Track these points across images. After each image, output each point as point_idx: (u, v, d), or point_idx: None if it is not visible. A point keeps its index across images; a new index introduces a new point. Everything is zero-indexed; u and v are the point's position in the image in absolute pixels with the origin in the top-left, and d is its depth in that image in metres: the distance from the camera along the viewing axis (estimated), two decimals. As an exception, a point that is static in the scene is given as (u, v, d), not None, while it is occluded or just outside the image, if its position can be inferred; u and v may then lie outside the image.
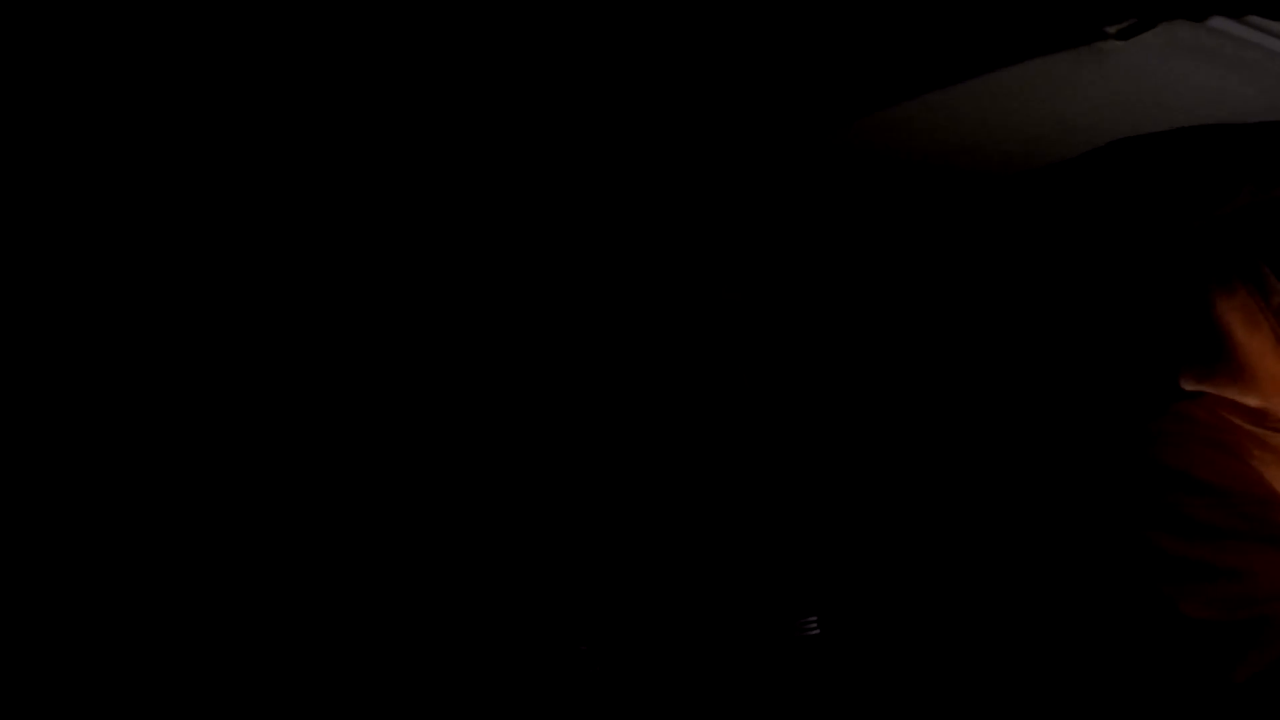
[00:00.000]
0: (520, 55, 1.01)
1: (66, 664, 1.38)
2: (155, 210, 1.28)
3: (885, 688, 1.60)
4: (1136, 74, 0.98)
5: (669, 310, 1.72)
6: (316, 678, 1.51)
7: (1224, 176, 1.19)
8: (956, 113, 1.12)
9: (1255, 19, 0.86)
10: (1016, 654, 1.51)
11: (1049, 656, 1.44)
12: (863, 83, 1.07)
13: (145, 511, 1.47)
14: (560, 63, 1.03)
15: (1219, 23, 0.87)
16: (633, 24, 0.95)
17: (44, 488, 1.41)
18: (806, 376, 1.78)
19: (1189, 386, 1.21)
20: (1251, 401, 1.17)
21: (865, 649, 1.64)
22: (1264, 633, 1.01)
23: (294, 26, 0.90)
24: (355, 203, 1.33)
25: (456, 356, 1.68)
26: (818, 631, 1.63)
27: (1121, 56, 0.95)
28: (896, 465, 1.73)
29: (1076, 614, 1.37)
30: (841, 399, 1.77)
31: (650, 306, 1.71)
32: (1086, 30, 0.88)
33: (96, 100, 1.02)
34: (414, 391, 1.66)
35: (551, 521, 1.69)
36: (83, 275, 1.38)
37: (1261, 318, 1.15)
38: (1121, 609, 1.17)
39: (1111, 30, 0.90)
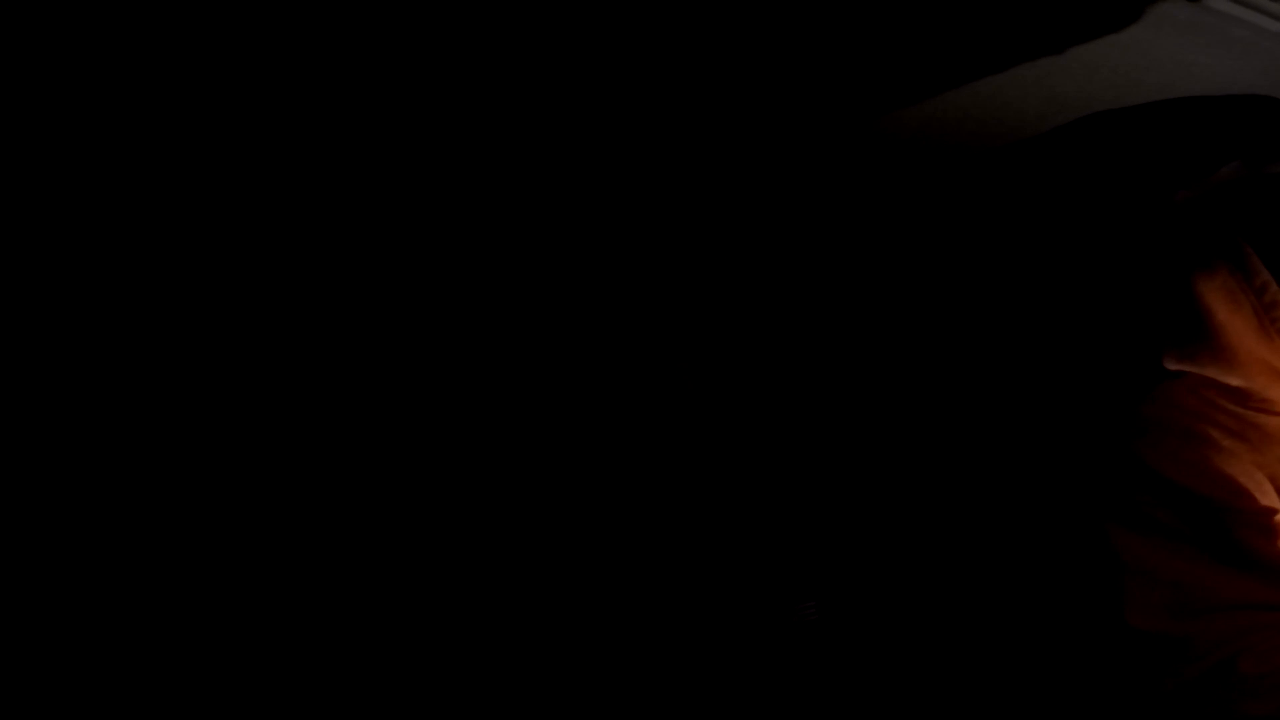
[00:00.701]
0: (524, 49, 1.00)
1: (66, 664, 1.37)
2: (155, 210, 1.27)
3: (881, 671, 1.62)
4: (1129, 49, 0.97)
5: (670, 300, 1.72)
6: (316, 677, 1.51)
7: (1209, 150, 1.19)
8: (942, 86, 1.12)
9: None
10: (984, 647, 1.55)
11: (1008, 651, 1.49)
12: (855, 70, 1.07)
13: (145, 511, 1.46)
14: (561, 61, 1.02)
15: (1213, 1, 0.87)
16: (641, 22, 0.94)
17: (44, 488, 1.40)
18: (803, 365, 1.79)
19: (1172, 366, 1.22)
20: (1234, 381, 1.18)
21: (861, 633, 1.66)
22: (1196, 647, 1.05)
23: (294, 27, 0.89)
24: (355, 203, 1.32)
25: (456, 356, 1.67)
26: (816, 616, 1.65)
27: (1119, 33, 0.94)
28: (890, 451, 1.74)
29: (1035, 613, 1.40)
30: (837, 386, 1.78)
31: (650, 296, 1.70)
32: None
33: (96, 100, 1.01)
34: (414, 391, 1.65)
35: (551, 509, 1.69)
36: (83, 275, 1.36)
37: (1243, 297, 1.14)
38: (1075, 608, 1.22)
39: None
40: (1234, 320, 1.15)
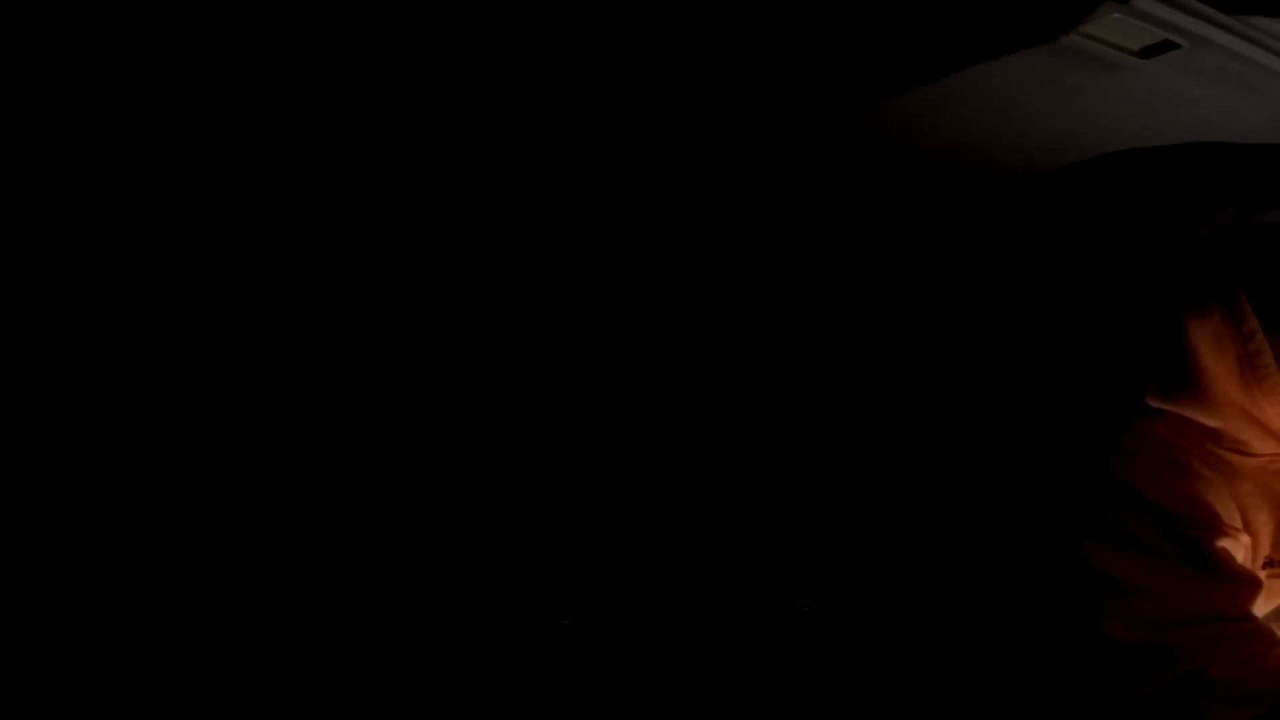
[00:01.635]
0: (517, 54, 1.00)
1: (66, 664, 1.36)
2: (155, 210, 1.27)
3: (873, 669, 1.65)
4: (1151, 91, 0.99)
5: (657, 302, 1.72)
6: (316, 677, 1.49)
7: (1209, 196, 1.22)
8: (963, 114, 1.13)
9: (1273, 40, 0.87)
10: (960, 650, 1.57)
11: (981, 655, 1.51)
12: (858, 78, 1.07)
13: (145, 511, 1.45)
14: (552, 62, 1.02)
15: (1240, 45, 0.88)
16: (621, 24, 0.94)
17: (44, 488, 1.39)
18: (794, 370, 1.80)
19: (1154, 403, 1.26)
20: (1210, 423, 1.22)
21: (854, 632, 1.68)
22: (1168, 656, 1.08)
23: (294, 27, 0.90)
24: (355, 203, 1.33)
25: (455, 356, 1.66)
26: (810, 615, 1.66)
27: (1140, 73, 0.96)
28: (885, 457, 1.77)
29: (1008, 620, 1.43)
30: (835, 393, 1.80)
31: (639, 298, 1.71)
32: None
33: (96, 100, 1.01)
34: (413, 391, 1.64)
35: (546, 505, 1.68)
36: (83, 275, 1.36)
37: (1229, 343, 1.18)
38: (1050, 617, 1.24)
39: (1134, 48, 0.92)
40: (1217, 366, 1.19)
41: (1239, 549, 1.18)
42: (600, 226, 1.46)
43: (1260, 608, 1.21)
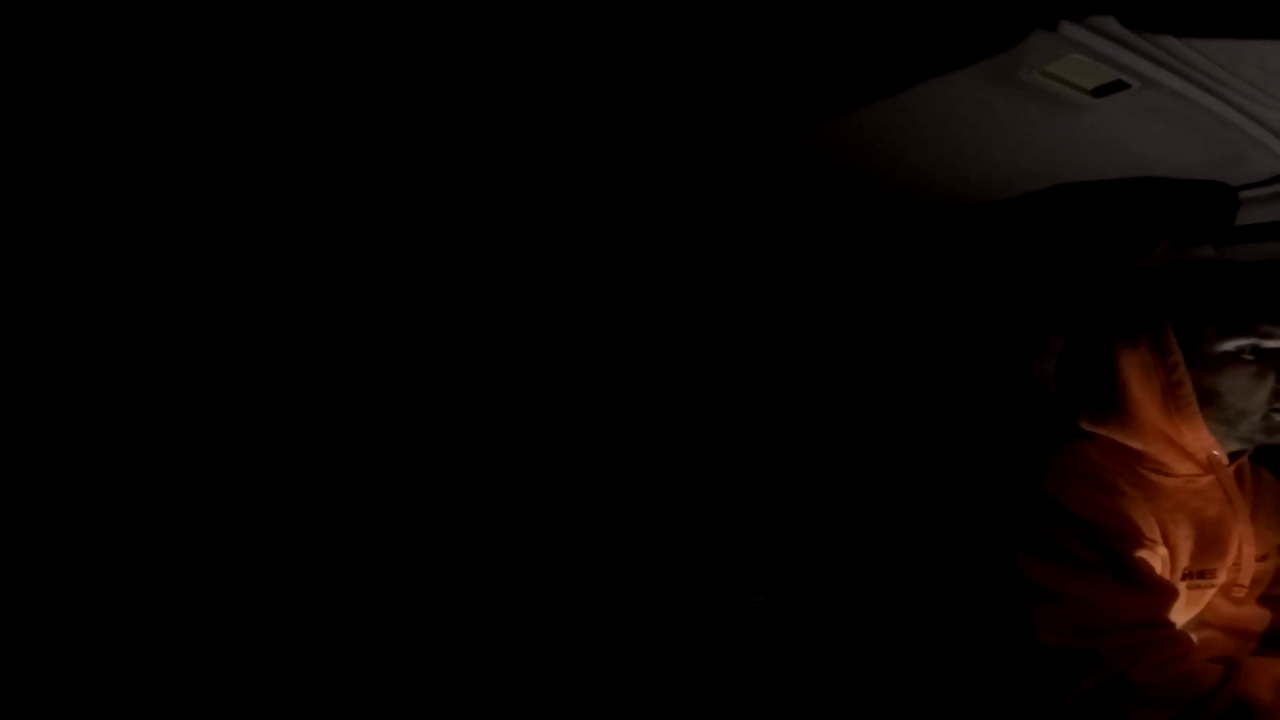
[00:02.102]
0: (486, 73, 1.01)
1: (66, 664, 1.34)
2: (155, 210, 1.27)
3: (828, 666, 1.69)
4: (1100, 128, 1.04)
5: (628, 307, 1.74)
6: (316, 677, 1.49)
7: (1147, 230, 1.29)
8: (918, 148, 1.17)
9: (1220, 88, 0.93)
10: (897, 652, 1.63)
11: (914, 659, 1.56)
12: (813, 94, 1.10)
13: (145, 511, 1.43)
14: (526, 78, 1.03)
15: (1186, 87, 0.94)
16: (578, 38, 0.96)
17: (44, 488, 1.37)
18: (757, 374, 1.84)
19: (1086, 427, 1.36)
20: (1135, 445, 1.32)
21: (809, 627, 1.72)
22: (1097, 661, 1.15)
23: (294, 27, 0.91)
24: (355, 203, 1.33)
25: (455, 357, 1.65)
26: (765, 611, 1.69)
27: (1092, 111, 1.01)
28: (834, 463, 1.81)
29: (944, 625, 1.49)
30: (793, 397, 1.84)
31: (612, 303, 1.72)
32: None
33: (96, 100, 1.01)
34: (413, 391, 1.63)
35: (515, 506, 1.68)
36: (83, 275, 1.35)
37: (1155, 374, 1.28)
38: (984, 625, 1.32)
39: (1089, 87, 0.97)
40: (1144, 395, 1.29)
41: (1156, 560, 1.27)
42: (602, 230, 1.48)
43: (1179, 616, 1.29)
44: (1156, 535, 1.27)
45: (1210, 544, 1.32)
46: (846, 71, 1.02)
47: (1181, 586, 1.29)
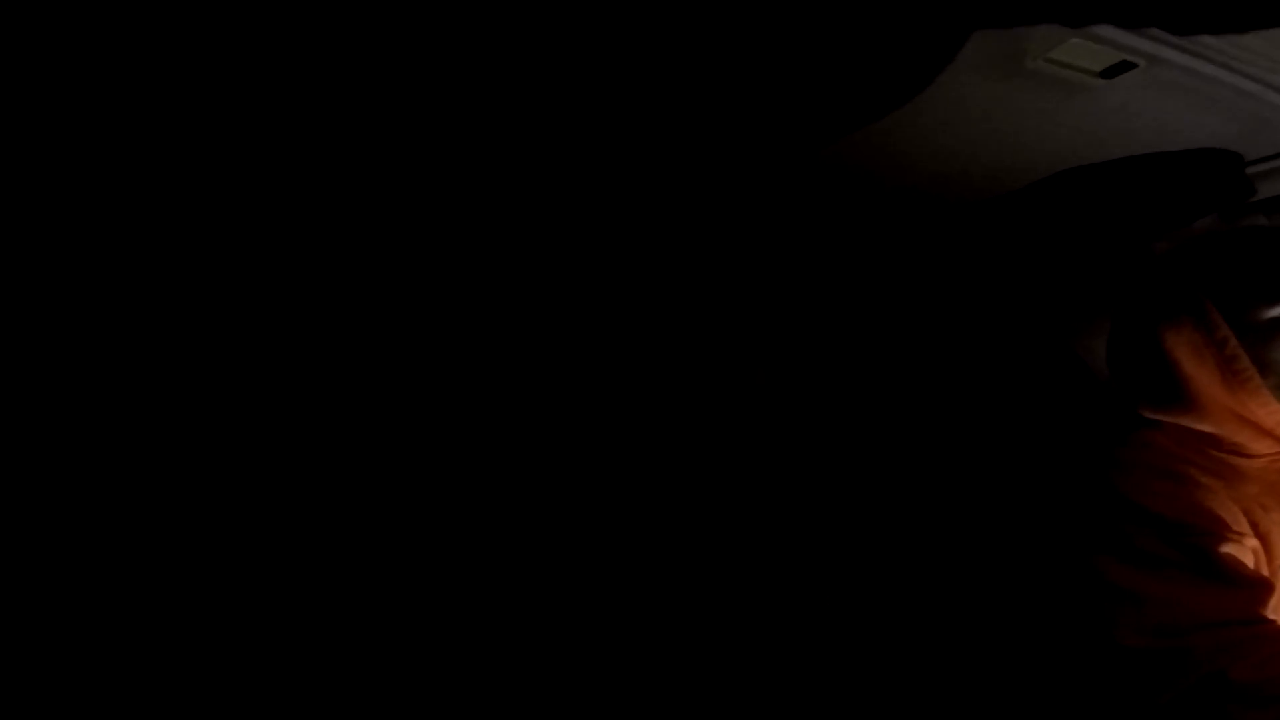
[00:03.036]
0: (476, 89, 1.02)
1: (66, 664, 1.36)
2: (155, 210, 1.27)
3: (885, 674, 1.66)
4: (1116, 109, 1.06)
5: (660, 307, 1.75)
6: (316, 677, 1.50)
7: (1187, 203, 1.27)
8: (943, 145, 1.19)
9: (1226, 59, 0.94)
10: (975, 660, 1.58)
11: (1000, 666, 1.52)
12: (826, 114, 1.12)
13: (145, 511, 1.46)
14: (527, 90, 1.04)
15: (1192, 62, 0.95)
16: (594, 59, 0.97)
17: (44, 488, 1.40)
18: (803, 375, 1.83)
19: (1149, 415, 1.31)
20: (1205, 428, 1.26)
21: (868, 638, 1.70)
22: (1186, 660, 1.10)
23: (294, 27, 0.91)
24: (355, 203, 1.33)
25: (456, 357, 1.68)
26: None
27: (1104, 93, 1.02)
28: (884, 469, 1.79)
29: (1027, 632, 1.45)
30: (839, 411, 1.83)
31: (637, 304, 1.74)
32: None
33: (97, 100, 1.01)
34: (413, 391, 1.65)
35: (536, 506, 1.69)
36: (83, 275, 1.37)
37: (1207, 351, 1.22)
38: (1066, 631, 1.26)
39: (1096, 70, 0.99)
40: (1200, 374, 1.24)
41: (1246, 554, 1.20)
42: (602, 232, 1.49)
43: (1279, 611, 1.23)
44: (1244, 526, 1.20)
45: None
46: (858, 89, 1.05)
47: None
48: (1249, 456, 1.27)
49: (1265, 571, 1.22)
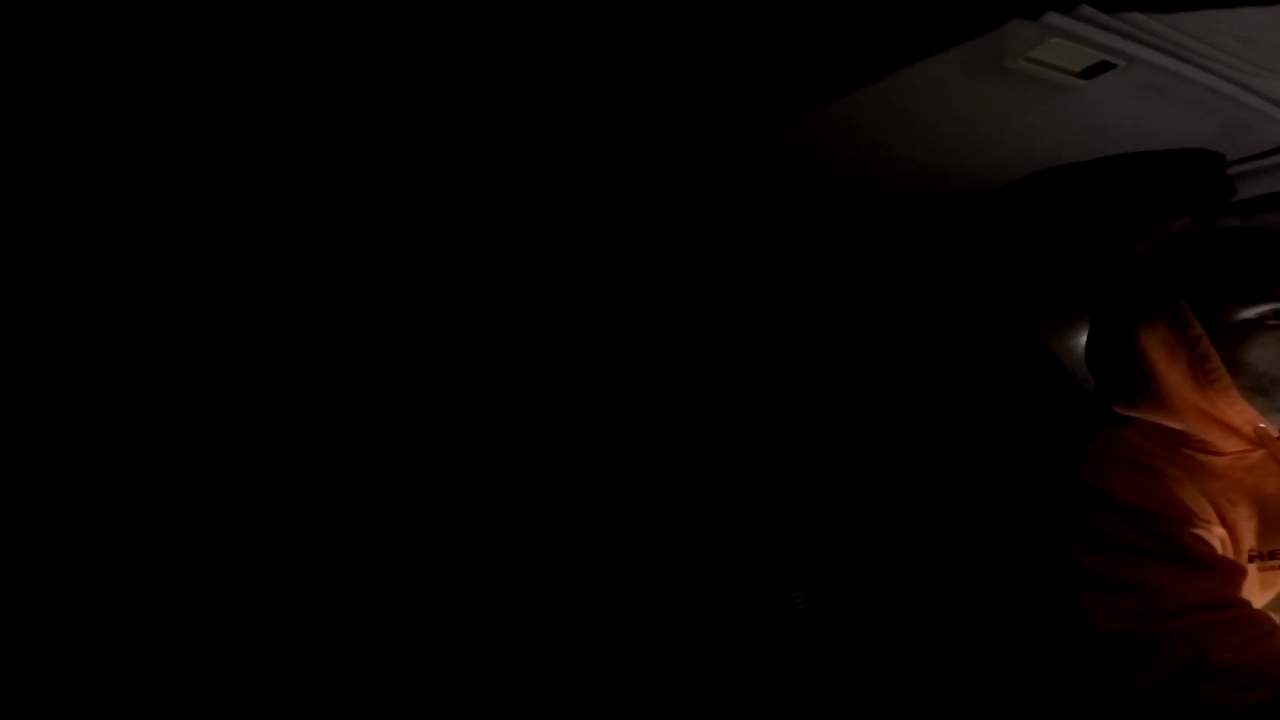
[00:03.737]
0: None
1: (66, 664, 1.36)
2: (155, 210, 1.27)
3: (869, 663, 1.66)
4: (1095, 108, 1.07)
5: (664, 304, 1.75)
6: (316, 677, 1.50)
7: (1165, 203, 1.29)
8: (924, 143, 1.20)
9: (1204, 60, 0.95)
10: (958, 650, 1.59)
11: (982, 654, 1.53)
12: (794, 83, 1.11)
13: (145, 512, 1.45)
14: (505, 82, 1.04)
15: (1170, 63, 0.96)
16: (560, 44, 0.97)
17: (44, 488, 1.39)
18: (797, 370, 1.84)
19: (1121, 411, 1.33)
20: (1175, 425, 1.28)
21: (848, 622, 1.70)
22: (1166, 644, 1.11)
23: (294, 27, 0.92)
24: (355, 203, 1.34)
25: (456, 358, 1.68)
26: (805, 606, 1.69)
27: (1084, 93, 1.03)
28: (872, 463, 1.80)
29: (1003, 621, 1.46)
30: (830, 395, 1.84)
31: (641, 300, 1.74)
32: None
33: (97, 100, 1.02)
34: (414, 391, 1.65)
35: (540, 506, 1.69)
36: (82, 275, 1.37)
37: (1179, 350, 1.24)
38: (1044, 618, 1.27)
39: (1076, 70, 0.99)
40: (1172, 372, 1.26)
41: (1214, 540, 1.21)
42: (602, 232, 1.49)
43: (1255, 599, 1.24)
44: (1211, 516, 1.22)
45: (1277, 522, 1.27)
46: (827, 60, 1.02)
47: (1251, 569, 1.23)
48: (1216, 454, 1.29)
49: (1236, 559, 1.23)
